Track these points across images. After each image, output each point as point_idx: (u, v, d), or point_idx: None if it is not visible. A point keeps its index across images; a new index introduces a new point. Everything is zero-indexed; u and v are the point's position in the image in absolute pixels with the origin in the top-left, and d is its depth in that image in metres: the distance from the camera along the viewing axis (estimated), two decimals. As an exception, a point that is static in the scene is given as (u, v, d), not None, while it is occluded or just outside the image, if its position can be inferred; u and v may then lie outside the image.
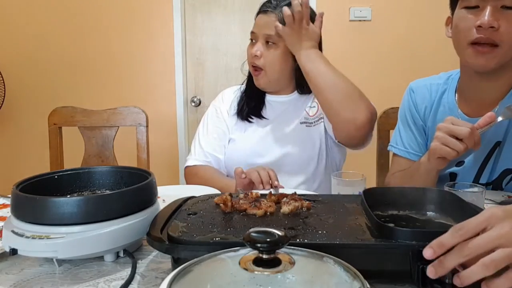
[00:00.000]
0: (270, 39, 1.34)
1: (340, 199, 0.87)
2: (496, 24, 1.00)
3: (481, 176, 1.17)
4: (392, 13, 2.80)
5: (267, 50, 1.35)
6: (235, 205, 0.81)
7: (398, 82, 2.87)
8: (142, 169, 0.88)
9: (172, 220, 0.74)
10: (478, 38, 1.02)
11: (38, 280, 0.69)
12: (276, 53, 1.35)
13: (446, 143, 0.97)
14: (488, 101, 1.14)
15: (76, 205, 0.70)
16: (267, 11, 1.35)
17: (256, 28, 1.38)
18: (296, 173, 1.38)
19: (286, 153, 1.39)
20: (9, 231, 0.70)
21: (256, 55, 1.35)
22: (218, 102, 1.54)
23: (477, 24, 1.01)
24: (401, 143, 1.32)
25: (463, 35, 1.06)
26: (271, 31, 1.33)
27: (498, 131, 1.11)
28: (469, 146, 0.96)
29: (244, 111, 1.46)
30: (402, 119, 1.34)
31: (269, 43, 1.35)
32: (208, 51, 2.94)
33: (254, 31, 1.38)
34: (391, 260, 0.65)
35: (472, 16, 1.04)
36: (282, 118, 1.44)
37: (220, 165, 1.46)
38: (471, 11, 1.04)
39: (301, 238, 0.67)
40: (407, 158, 1.29)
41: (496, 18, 1.00)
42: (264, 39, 1.35)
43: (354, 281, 0.49)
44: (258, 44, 1.36)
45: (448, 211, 0.79)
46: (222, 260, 0.54)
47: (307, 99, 1.45)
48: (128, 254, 0.75)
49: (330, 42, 2.95)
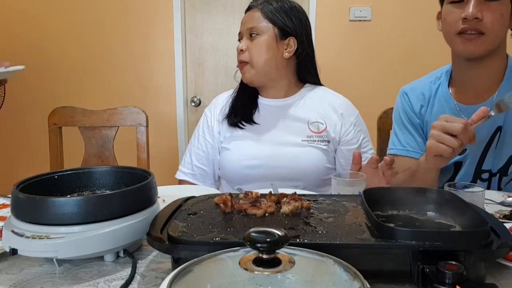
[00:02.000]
0: (253, 31, 1.34)
1: (340, 199, 0.87)
2: (480, 16, 1.07)
3: (484, 163, 1.19)
4: (392, 13, 2.80)
5: (251, 42, 1.35)
6: (235, 205, 0.81)
7: (398, 82, 2.86)
8: (142, 169, 0.88)
9: (172, 220, 0.74)
10: (464, 28, 1.10)
11: (38, 280, 0.69)
12: (259, 42, 1.34)
13: (441, 141, 0.98)
14: (482, 87, 1.19)
15: (76, 205, 0.70)
16: (251, 8, 1.37)
17: (241, 27, 1.39)
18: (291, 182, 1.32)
19: (283, 166, 1.32)
20: (9, 231, 0.70)
21: (242, 50, 1.35)
22: (210, 109, 1.49)
23: (463, 16, 1.09)
24: (398, 143, 1.32)
25: (450, 27, 1.13)
26: (253, 23, 1.34)
27: (497, 116, 1.09)
28: (464, 142, 0.97)
29: (232, 117, 1.40)
30: (397, 121, 1.35)
31: (252, 35, 1.34)
32: (208, 51, 2.94)
33: (240, 31, 1.39)
34: (391, 260, 0.65)
35: (458, 10, 1.11)
36: (278, 125, 1.38)
37: (207, 177, 1.44)
38: (457, 5, 1.12)
39: (301, 238, 0.67)
40: (407, 156, 1.29)
41: (480, 10, 1.07)
42: (248, 33, 1.35)
43: (354, 281, 0.49)
44: (243, 40, 1.37)
45: (448, 211, 0.78)
46: (222, 260, 0.54)
47: (309, 111, 1.38)
48: (128, 254, 0.75)
49: (330, 42, 2.97)
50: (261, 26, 1.33)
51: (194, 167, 1.44)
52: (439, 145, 0.98)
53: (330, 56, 2.78)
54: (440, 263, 0.59)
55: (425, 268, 0.60)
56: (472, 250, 0.62)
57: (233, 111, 1.42)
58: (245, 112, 1.40)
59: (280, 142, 1.35)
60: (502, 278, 0.69)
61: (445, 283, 0.57)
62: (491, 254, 0.64)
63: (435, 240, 0.63)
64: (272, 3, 1.35)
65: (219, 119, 1.44)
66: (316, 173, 1.34)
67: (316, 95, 1.41)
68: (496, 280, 0.68)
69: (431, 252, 0.62)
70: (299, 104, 1.40)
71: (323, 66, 2.58)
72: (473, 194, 0.93)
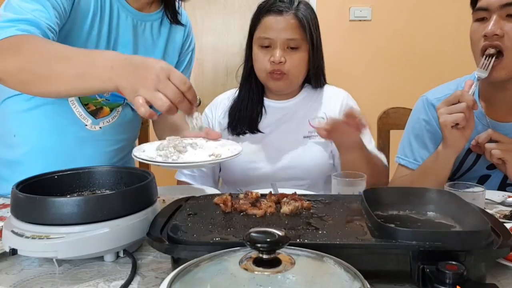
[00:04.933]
0: (292, 44, 1.28)
1: (340, 199, 0.87)
2: (500, 32, 1.06)
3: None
4: (392, 13, 2.80)
5: (289, 55, 1.28)
6: (235, 205, 0.81)
7: (398, 82, 2.88)
8: (142, 169, 0.88)
9: (172, 220, 0.74)
10: (484, 45, 1.09)
11: (38, 280, 0.69)
12: (300, 57, 1.29)
13: (450, 111, 1.03)
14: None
15: (76, 205, 0.69)
16: (282, 12, 1.27)
17: (271, 32, 1.28)
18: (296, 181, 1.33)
19: (285, 165, 1.34)
20: (9, 231, 0.70)
21: (281, 62, 1.27)
22: (211, 109, 1.46)
23: (483, 34, 1.09)
24: (411, 155, 1.29)
25: (475, 46, 1.13)
26: (293, 35, 1.27)
27: None
28: (469, 104, 1.02)
29: (238, 127, 1.37)
30: (415, 131, 1.30)
31: (292, 48, 1.28)
32: (208, 51, 2.94)
33: (270, 37, 1.28)
34: (391, 260, 0.65)
35: (481, 28, 1.11)
36: (281, 127, 1.38)
37: (206, 179, 1.42)
38: (480, 23, 1.11)
39: (301, 238, 0.67)
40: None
41: (501, 26, 1.06)
42: (285, 44, 1.28)
43: (354, 281, 0.49)
44: (278, 50, 1.27)
45: (448, 211, 0.78)
46: (222, 260, 0.54)
47: (309, 108, 1.39)
48: (128, 254, 0.75)
49: (330, 42, 2.95)
50: (299, 39, 1.28)
51: (193, 168, 1.43)
52: (451, 115, 1.03)
53: (330, 56, 2.76)
54: (440, 263, 0.59)
55: (425, 268, 0.60)
56: (473, 250, 0.62)
57: (238, 120, 1.38)
58: (251, 120, 1.37)
59: (283, 143, 1.36)
60: (502, 278, 0.68)
61: (445, 283, 0.57)
62: (491, 254, 0.64)
63: (436, 240, 0.63)
64: (301, 7, 1.30)
65: (221, 122, 1.42)
66: (320, 169, 1.35)
67: (317, 92, 1.42)
68: (497, 280, 0.68)
69: (432, 252, 0.62)
70: (302, 103, 1.40)
71: (323, 66, 2.58)
72: (474, 194, 0.93)
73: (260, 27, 1.31)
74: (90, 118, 1.16)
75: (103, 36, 1.10)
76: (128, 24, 1.14)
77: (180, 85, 0.79)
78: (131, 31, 1.14)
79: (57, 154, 1.13)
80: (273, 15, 1.28)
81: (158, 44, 1.22)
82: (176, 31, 1.26)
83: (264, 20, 1.30)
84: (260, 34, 1.30)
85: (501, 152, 1.09)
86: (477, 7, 1.11)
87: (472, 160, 1.22)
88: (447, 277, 0.57)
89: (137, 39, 1.16)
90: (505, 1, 1.05)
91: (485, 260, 0.64)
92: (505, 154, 1.09)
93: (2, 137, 1.18)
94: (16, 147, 1.15)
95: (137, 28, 1.16)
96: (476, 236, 0.64)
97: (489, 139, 1.12)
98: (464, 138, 1.06)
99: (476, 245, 0.63)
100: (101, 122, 1.18)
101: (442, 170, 1.13)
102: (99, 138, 1.19)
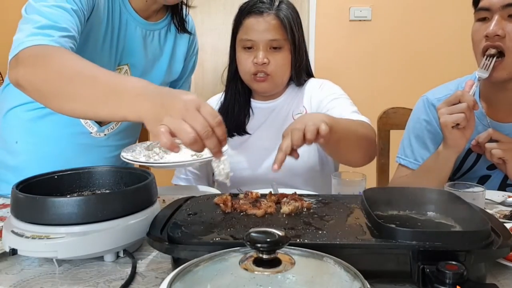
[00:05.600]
0: (275, 44, 1.27)
1: (340, 199, 0.87)
2: (501, 32, 1.06)
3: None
4: (392, 13, 2.80)
5: (272, 55, 1.27)
6: (235, 205, 0.81)
7: (398, 82, 2.89)
8: (142, 169, 0.88)
9: (172, 220, 0.74)
10: (485, 45, 1.09)
11: (38, 280, 0.69)
12: (283, 57, 1.29)
13: (451, 111, 1.03)
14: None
15: (76, 205, 0.70)
16: (263, 12, 1.27)
17: (253, 34, 1.27)
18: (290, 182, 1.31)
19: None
20: (9, 231, 0.70)
21: (264, 63, 1.26)
22: None
23: (485, 34, 1.09)
24: (411, 155, 1.29)
25: (476, 46, 1.13)
26: (275, 35, 1.26)
27: None
28: (469, 104, 1.02)
29: None
30: (415, 132, 1.30)
31: (274, 48, 1.28)
32: (208, 51, 2.94)
33: (252, 38, 1.27)
34: (391, 260, 0.65)
35: (482, 28, 1.11)
36: (269, 127, 1.37)
37: (200, 181, 1.41)
38: (482, 23, 1.11)
39: (301, 238, 0.67)
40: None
41: (502, 27, 1.06)
42: (268, 45, 1.27)
43: (354, 281, 0.49)
44: (261, 52, 1.26)
45: (448, 211, 0.78)
46: (222, 260, 0.54)
47: (293, 104, 1.37)
48: (128, 254, 0.75)
49: (330, 42, 2.96)
50: (282, 39, 1.27)
51: (187, 172, 1.41)
52: (451, 116, 1.03)
53: (330, 56, 2.78)
54: (441, 263, 0.59)
55: (425, 268, 0.60)
56: (473, 250, 0.62)
57: (226, 123, 1.37)
58: (238, 122, 1.37)
59: (271, 143, 1.32)
60: (502, 278, 0.68)
61: (445, 283, 0.57)
62: (491, 254, 0.64)
63: (436, 240, 0.63)
64: (283, 7, 1.29)
65: None
66: (308, 165, 1.32)
67: (301, 89, 1.39)
68: (497, 280, 0.68)
69: (432, 252, 0.62)
70: (286, 101, 1.39)
71: (323, 66, 2.59)
72: (474, 194, 0.93)
73: (242, 29, 1.31)
74: (96, 126, 1.17)
75: (114, 46, 1.11)
76: (138, 35, 1.15)
77: (210, 118, 0.69)
78: (141, 42, 1.16)
79: (59, 161, 1.12)
80: (254, 16, 1.28)
81: (165, 50, 1.24)
82: (182, 37, 1.28)
83: (245, 21, 1.29)
84: (242, 36, 1.30)
85: (501, 151, 1.09)
86: (479, 7, 1.11)
87: (473, 160, 1.22)
88: (447, 277, 0.57)
89: (146, 48, 1.18)
90: (507, 1, 1.05)
91: (485, 260, 0.64)
92: (506, 154, 1.09)
93: (5, 143, 1.18)
94: (18, 153, 1.16)
95: (146, 38, 1.18)
96: (476, 236, 0.64)
97: (490, 139, 1.12)
98: (464, 138, 1.06)
99: (476, 245, 0.63)
100: (106, 129, 1.19)
101: (442, 170, 1.13)
102: (103, 145, 1.20)
